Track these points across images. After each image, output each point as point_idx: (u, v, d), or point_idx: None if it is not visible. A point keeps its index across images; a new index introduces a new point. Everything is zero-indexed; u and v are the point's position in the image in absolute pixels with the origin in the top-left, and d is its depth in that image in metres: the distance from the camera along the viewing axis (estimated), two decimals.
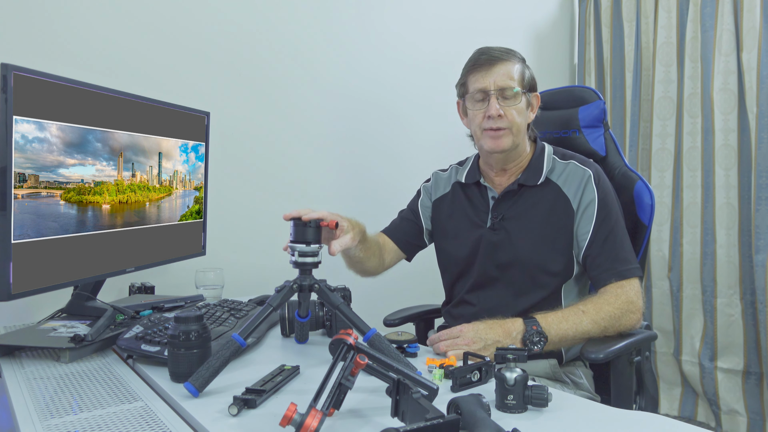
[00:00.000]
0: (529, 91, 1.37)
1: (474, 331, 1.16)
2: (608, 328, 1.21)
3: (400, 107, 2.39)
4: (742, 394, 2.46)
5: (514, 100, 1.32)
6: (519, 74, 1.34)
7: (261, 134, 2.03)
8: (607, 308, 1.22)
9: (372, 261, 1.43)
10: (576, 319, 1.19)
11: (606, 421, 0.87)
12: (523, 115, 1.34)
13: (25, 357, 1.18)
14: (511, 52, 1.36)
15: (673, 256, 2.62)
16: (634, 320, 1.24)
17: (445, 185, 1.51)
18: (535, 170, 1.37)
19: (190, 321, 1.00)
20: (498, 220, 1.37)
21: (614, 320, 1.21)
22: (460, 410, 0.75)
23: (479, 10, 2.62)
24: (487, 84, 1.32)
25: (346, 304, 1.06)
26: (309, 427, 0.73)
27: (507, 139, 1.33)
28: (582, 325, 1.19)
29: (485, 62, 1.33)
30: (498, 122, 1.31)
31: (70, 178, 1.20)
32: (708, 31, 2.49)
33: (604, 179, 1.35)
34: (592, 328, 1.19)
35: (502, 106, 1.31)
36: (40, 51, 1.58)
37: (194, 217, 1.66)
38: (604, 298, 1.24)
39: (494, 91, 1.31)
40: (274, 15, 2.05)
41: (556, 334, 1.17)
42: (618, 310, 1.22)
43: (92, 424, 0.84)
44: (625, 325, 1.23)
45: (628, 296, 1.24)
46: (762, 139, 2.36)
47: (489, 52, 1.34)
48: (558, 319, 1.18)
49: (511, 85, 1.31)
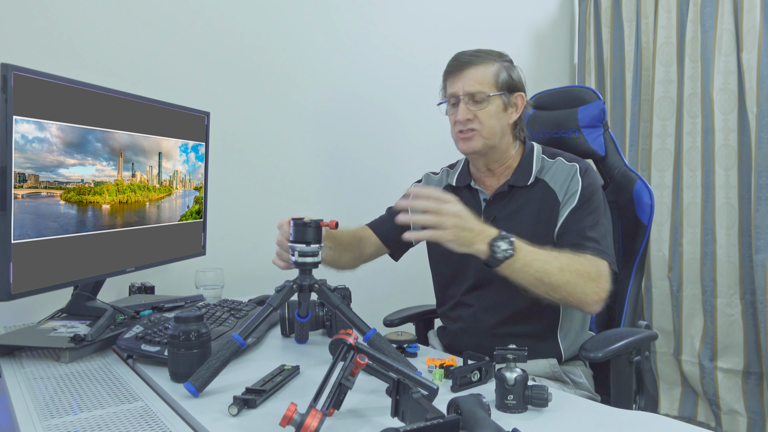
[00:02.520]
0: (510, 92, 1.35)
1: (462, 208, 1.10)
2: (571, 283, 1.15)
3: (401, 107, 2.39)
4: (742, 394, 2.46)
5: (483, 104, 1.33)
6: (492, 77, 1.33)
7: (261, 134, 2.03)
8: (578, 265, 1.17)
9: (345, 257, 1.45)
10: (546, 257, 1.15)
11: (606, 421, 0.87)
12: (495, 118, 1.34)
13: (25, 357, 1.18)
14: (483, 55, 1.35)
15: (673, 256, 2.62)
16: (595, 295, 1.18)
17: (436, 187, 1.52)
18: (524, 171, 1.37)
19: (190, 321, 1.00)
20: (490, 221, 1.37)
21: (579, 279, 1.16)
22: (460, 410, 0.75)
23: (479, 9, 2.62)
24: (457, 89, 1.34)
25: (346, 304, 1.06)
26: (309, 427, 0.73)
27: (477, 142, 1.34)
28: (550, 265, 1.14)
29: (455, 67, 1.35)
30: (467, 125, 1.33)
31: (70, 178, 1.20)
32: (708, 31, 2.49)
33: (590, 174, 1.34)
34: (556, 273, 1.14)
35: (472, 110, 1.32)
36: (40, 51, 1.58)
37: (194, 217, 1.66)
38: (581, 257, 1.20)
39: (463, 96, 1.33)
40: (275, 15, 2.05)
41: (523, 258, 1.12)
42: (588, 273, 1.17)
43: (92, 424, 0.84)
44: (585, 293, 1.17)
45: (600, 271, 1.20)
46: (762, 139, 2.36)
47: (459, 57, 1.36)
48: (531, 248, 1.15)
49: (479, 90, 1.32)
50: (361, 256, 1.51)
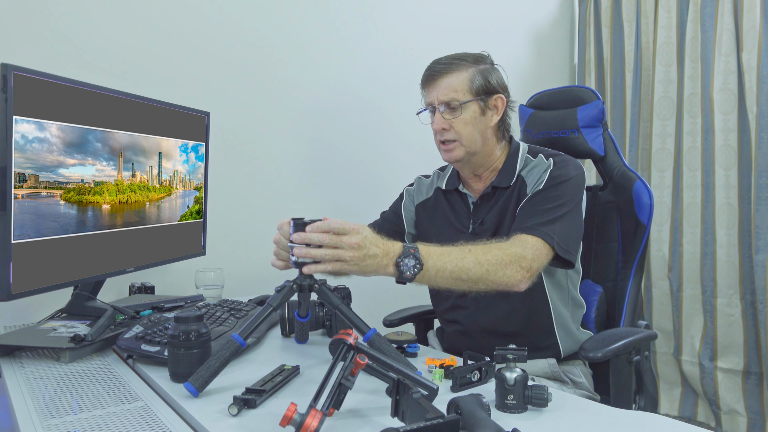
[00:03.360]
0: (486, 95, 1.34)
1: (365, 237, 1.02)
2: (491, 272, 1.12)
3: (402, 108, 2.39)
4: (742, 394, 2.46)
5: (458, 111, 1.32)
6: (466, 83, 1.33)
7: (261, 134, 2.03)
8: (496, 252, 1.14)
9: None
10: (459, 255, 1.11)
11: (606, 421, 0.87)
12: (472, 125, 1.33)
13: (25, 357, 1.18)
14: (457, 62, 1.34)
15: (673, 256, 2.62)
16: (516, 277, 1.13)
17: (427, 190, 1.52)
18: (508, 171, 1.37)
19: (190, 321, 1.00)
20: (478, 224, 1.37)
21: (498, 267, 1.12)
22: (460, 410, 0.76)
23: (479, 9, 2.62)
24: (432, 98, 1.35)
25: (346, 304, 1.06)
26: (309, 427, 0.73)
27: (458, 151, 1.34)
28: (464, 261, 1.11)
29: (429, 77, 1.36)
30: (445, 135, 1.34)
31: (70, 178, 1.20)
32: (708, 31, 2.49)
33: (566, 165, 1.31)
34: (473, 267, 1.11)
35: (447, 119, 1.33)
36: (40, 51, 1.58)
37: (194, 217, 1.66)
38: (498, 243, 1.17)
39: (438, 105, 1.33)
40: (275, 14, 2.05)
41: (434, 266, 1.08)
42: (506, 257, 1.13)
43: (92, 424, 0.84)
44: (507, 278, 1.13)
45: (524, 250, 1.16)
46: (762, 139, 2.36)
47: (432, 67, 1.36)
48: (440, 252, 1.11)
49: (453, 98, 1.32)
50: None
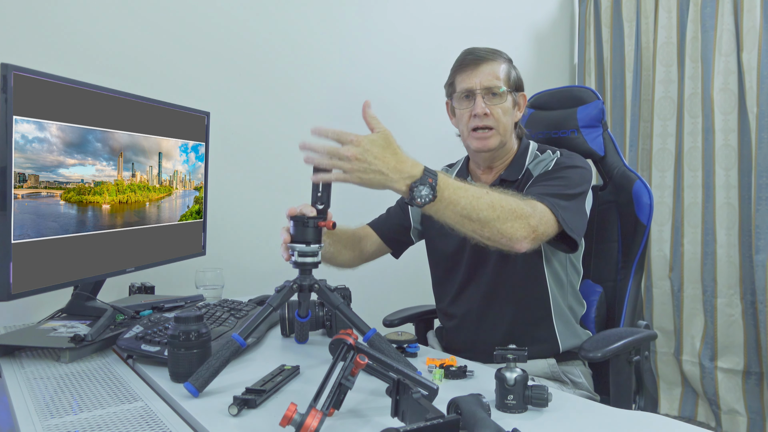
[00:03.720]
0: (516, 91, 1.38)
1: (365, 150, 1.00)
2: (500, 219, 1.09)
3: (402, 107, 2.39)
4: (742, 394, 2.46)
5: (500, 98, 1.33)
6: (505, 74, 1.35)
7: (261, 134, 2.03)
8: (510, 201, 1.11)
9: (345, 255, 1.46)
10: (476, 193, 1.08)
11: (606, 421, 0.87)
12: (509, 114, 1.36)
13: (25, 357, 1.18)
14: (497, 52, 1.37)
15: (674, 256, 2.62)
16: (521, 232, 1.11)
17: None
18: (517, 165, 1.39)
19: (190, 321, 1.00)
20: None
21: (509, 216, 1.09)
22: (460, 410, 0.75)
23: (479, 9, 2.62)
24: (473, 83, 1.34)
25: (346, 304, 1.06)
26: (309, 427, 0.73)
27: (494, 140, 1.35)
28: (479, 201, 1.07)
29: (471, 62, 1.35)
30: (484, 121, 1.33)
31: (70, 178, 1.20)
32: (708, 31, 2.49)
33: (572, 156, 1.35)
34: (485, 209, 1.07)
35: (488, 105, 1.33)
36: (40, 51, 1.58)
37: (194, 217, 1.66)
38: (516, 197, 1.15)
39: (480, 90, 1.33)
40: (275, 14, 2.05)
41: (448, 197, 1.05)
42: (519, 210, 1.11)
43: (92, 424, 0.84)
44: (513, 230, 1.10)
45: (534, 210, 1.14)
46: (762, 139, 2.36)
47: (475, 52, 1.36)
48: (457, 185, 1.07)
49: (497, 84, 1.33)
50: (361, 254, 1.51)
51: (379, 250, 1.54)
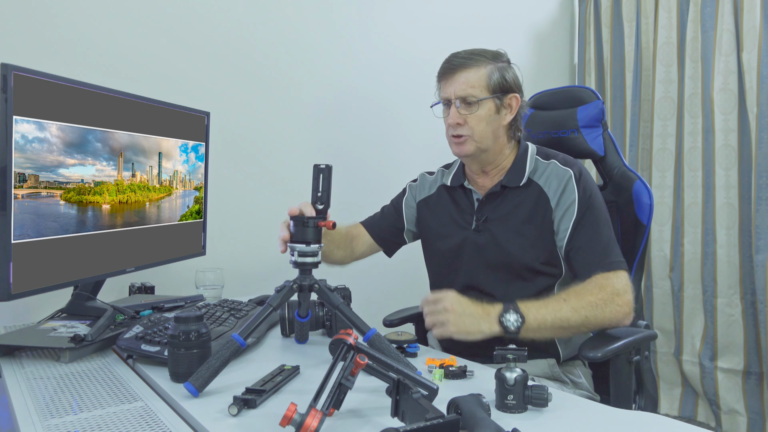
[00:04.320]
0: (503, 93, 1.35)
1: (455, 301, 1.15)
2: (590, 317, 1.17)
3: (401, 107, 2.39)
4: (742, 394, 2.46)
5: (474, 107, 1.32)
6: (485, 79, 1.32)
7: (261, 134, 2.03)
8: (588, 297, 1.19)
9: (336, 253, 1.48)
10: (556, 306, 1.17)
11: (606, 421, 0.87)
12: (486, 122, 1.33)
13: (25, 357, 1.18)
14: (476, 58, 1.34)
15: (674, 256, 2.62)
16: (620, 313, 1.20)
17: (430, 187, 1.52)
18: (517, 171, 1.37)
19: (190, 321, 1.00)
20: (482, 221, 1.37)
21: (596, 310, 1.17)
22: (460, 410, 0.75)
23: (479, 9, 2.62)
24: (449, 93, 1.34)
25: (346, 304, 1.06)
26: (309, 427, 0.73)
27: (469, 146, 1.34)
28: (561, 311, 1.16)
29: (446, 70, 1.35)
30: (458, 130, 1.34)
31: (70, 178, 1.20)
32: (708, 31, 2.49)
33: (586, 178, 1.34)
34: (572, 316, 1.16)
35: (463, 114, 1.33)
36: (40, 51, 1.58)
37: (194, 217, 1.66)
38: (586, 287, 1.21)
39: (454, 100, 1.33)
40: (275, 14, 2.05)
41: (534, 318, 1.14)
42: (601, 300, 1.18)
43: (92, 424, 0.84)
44: (609, 317, 1.19)
45: (613, 287, 1.21)
46: (762, 139, 2.36)
47: (451, 60, 1.36)
48: (537, 305, 1.16)
49: (470, 93, 1.32)
50: (352, 253, 1.53)
51: (370, 249, 1.56)
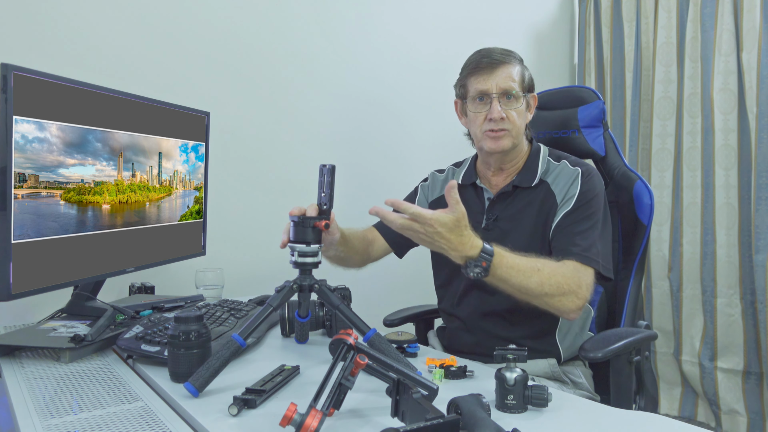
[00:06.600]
0: (528, 92, 1.38)
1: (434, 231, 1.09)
2: (549, 295, 1.17)
3: (401, 107, 2.39)
4: (742, 394, 2.46)
5: (515, 102, 1.34)
6: (519, 76, 1.35)
7: (261, 134, 2.03)
8: (559, 279, 1.18)
9: (354, 259, 1.46)
10: (527, 272, 1.16)
11: (606, 421, 0.87)
12: (522, 117, 1.36)
13: (25, 357, 1.18)
14: (511, 54, 1.37)
15: (673, 256, 2.62)
16: (572, 305, 1.19)
17: (441, 186, 1.52)
18: (530, 171, 1.38)
19: (190, 321, 1.00)
20: (492, 220, 1.38)
21: (557, 292, 1.17)
22: (460, 410, 0.75)
23: (479, 10, 2.62)
24: (489, 86, 1.33)
25: (346, 304, 1.06)
26: (309, 427, 0.73)
27: (507, 140, 1.34)
28: (530, 280, 1.16)
29: (487, 65, 1.34)
30: (500, 124, 1.33)
31: (70, 178, 1.20)
32: (708, 31, 2.49)
33: (593, 178, 1.34)
34: (535, 288, 1.16)
35: (504, 109, 1.33)
36: (40, 51, 1.58)
37: (194, 217, 1.66)
38: (562, 268, 1.20)
39: (496, 94, 1.32)
40: (275, 15, 2.05)
41: (499, 276, 1.14)
42: (567, 286, 1.18)
43: (92, 424, 0.84)
44: (564, 306, 1.19)
45: (580, 280, 1.20)
46: (762, 139, 2.36)
47: (491, 55, 1.35)
48: (510, 264, 1.15)
49: (512, 87, 1.33)
50: (369, 257, 1.52)
51: (384, 252, 1.55)
